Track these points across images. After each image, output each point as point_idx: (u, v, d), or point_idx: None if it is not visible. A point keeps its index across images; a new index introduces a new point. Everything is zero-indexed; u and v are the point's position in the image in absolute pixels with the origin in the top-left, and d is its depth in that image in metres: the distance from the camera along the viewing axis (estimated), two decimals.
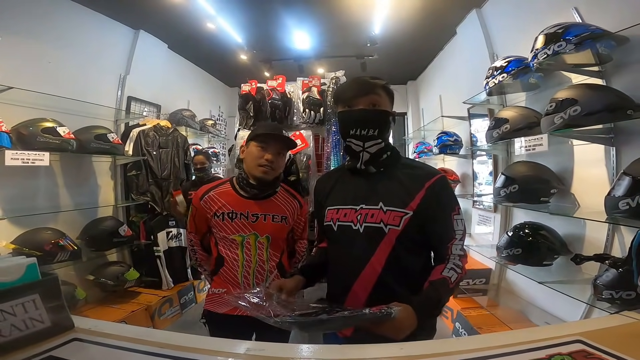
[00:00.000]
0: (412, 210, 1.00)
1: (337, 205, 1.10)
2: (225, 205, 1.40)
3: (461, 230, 1.04)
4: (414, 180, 1.04)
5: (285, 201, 1.48)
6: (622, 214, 1.38)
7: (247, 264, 1.39)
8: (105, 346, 0.67)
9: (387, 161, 1.08)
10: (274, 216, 1.41)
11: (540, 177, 2.04)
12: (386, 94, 1.07)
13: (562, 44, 1.71)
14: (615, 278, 1.42)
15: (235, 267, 1.39)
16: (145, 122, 3.40)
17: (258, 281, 1.38)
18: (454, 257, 1.02)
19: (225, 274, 1.41)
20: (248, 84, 2.19)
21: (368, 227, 1.02)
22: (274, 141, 1.37)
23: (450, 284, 0.98)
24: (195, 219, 1.48)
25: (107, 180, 3.14)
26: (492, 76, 2.33)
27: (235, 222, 1.38)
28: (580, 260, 1.65)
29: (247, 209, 1.39)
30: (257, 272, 1.40)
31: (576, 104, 1.62)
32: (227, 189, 1.45)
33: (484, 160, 3.25)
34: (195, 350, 0.67)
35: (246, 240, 1.39)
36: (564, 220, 2.01)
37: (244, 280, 1.39)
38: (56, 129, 2.37)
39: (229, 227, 1.38)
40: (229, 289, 1.37)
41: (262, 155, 1.35)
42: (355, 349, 0.77)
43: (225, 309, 1.38)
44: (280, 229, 1.43)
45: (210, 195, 1.43)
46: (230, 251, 1.40)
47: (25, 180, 2.42)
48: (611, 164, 1.75)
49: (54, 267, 2.29)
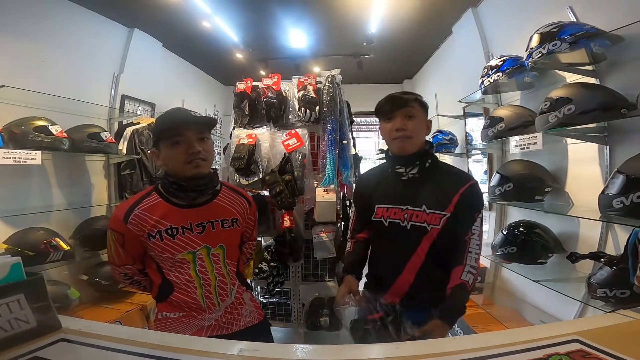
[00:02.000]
0: (450, 212, 1.20)
1: (386, 204, 1.28)
2: (160, 222, 1.13)
3: (478, 227, 1.23)
4: (451, 185, 1.23)
5: (232, 201, 1.27)
6: (615, 212, 1.39)
7: (206, 282, 1.17)
8: (93, 347, 0.66)
9: (429, 167, 1.25)
10: (223, 221, 1.21)
11: (534, 175, 2.05)
12: (420, 105, 1.24)
13: (557, 43, 1.71)
14: (610, 276, 1.43)
15: (192, 290, 1.16)
16: (139, 121, 3.37)
17: (222, 298, 1.20)
18: (470, 259, 1.20)
19: (179, 300, 1.17)
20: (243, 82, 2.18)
21: (414, 225, 1.22)
22: (188, 130, 1.12)
23: (469, 286, 1.17)
24: (125, 247, 1.16)
25: (101, 180, 3.11)
26: (487, 75, 2.34)
27: (178, 238, 1.13)
28: (575, 259, 1.66)
29: (188, 219, 1.15)
30: (219, 289, 1.20)
31: (570, 102, 1.63)
32: (155, 200, 1.16)
33: (478, 159, 3.26)
34: (188, 351, 0.66)
35: (198, 256, 1.16)
36: (558, 218, 2.02)
37: (207, 301, 1.18)
38: (48, 128, 2.34)
39: (172, 247, 1.13)
40: (189, 313, 1.17)
41: (184, 150, 1.11)
42: (351, 349, 0.77)
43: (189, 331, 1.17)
44: (233, 234, 1.24)
45: (136, 214, 1.13)
46: (180, 273, 1.16)
47: (17, 180, 2.39)
48: (605, 162, 1.76)
49: (47, 267, 2.26)
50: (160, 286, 1.19)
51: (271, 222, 2.26)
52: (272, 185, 1.99)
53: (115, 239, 1.16)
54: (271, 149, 2.12)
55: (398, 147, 1.23)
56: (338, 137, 2.05)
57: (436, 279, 1.22)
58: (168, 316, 1.18)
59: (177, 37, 3.89)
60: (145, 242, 1.14)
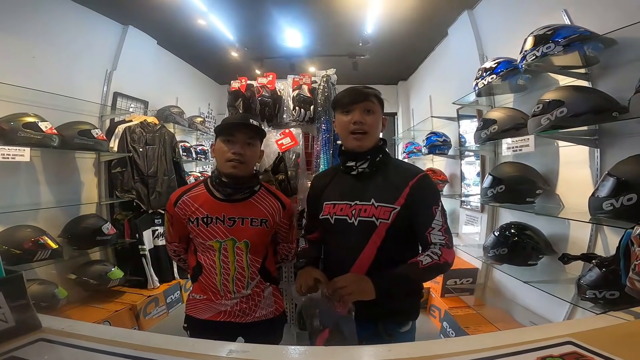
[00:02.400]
0: (400, 205, 1.13)
1: (333, 201, 1.23)
2: (199, 210, 1.30)
3: (440, 221, 1.14)
4: (401, 178, 1.17)
5: (266, 202, 1.37)
6: (605, 214, 1.41)
7: (225, 271, 1.30)
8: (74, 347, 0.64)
9: (380, 162, 1.21)
10: (252, 220, 1.31)
11: (526, 177, 2.06)
12: (378, 101, 1.21)
13: (551, 46, 1.73)
14: (599, 278, 1.44)
15: (213, 275, 1.31)
16: (131, 119, 3.33)
17: (238, 288, 1.31)
18: (434, 246, 1.12)
19: (204, 281, 1.33)
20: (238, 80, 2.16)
21: (362, 220, 1.15)
22: (239, 132, 1.27)
23: (421, 266, 1.08)
24: (173, 227, 1.38)
25: (91, 177, 3.06)
26: (481, 77, 2.35)
27: (211, 227, 1.28)
28: (567, 260, 1.67)
29: (223, 212, 1.29)
30: (236, 279, 1.31)
31: (563, 105, 1.65)
32: (201, 191, 1.34)
33: (471, 160, 3.28)
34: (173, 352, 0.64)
35: (223, 246, 1.29)
36: (548, 220, 2.04)
37: (224, 287, 1.31)
38: (38, 124, 2.30)
39: (205, 233, 1.29)
40: (209, 297, 1.32)
41: (229, 149, 1.25)
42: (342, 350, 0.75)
43: (208, 314, 1.32)
44: (260, 233, 1.33)
45: (184, 200, 1.32)
46: (208, 258, 1.31)
47: (4, 177, 2.35)
48: (595, 165, 1.78)
49: (34, 265, 2.23)
50: (194, 267, 1.36)
51: None
52: None
53: (167, 219, 1.40)
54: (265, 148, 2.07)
55: (354, 144, 1.19)
56: (332, 137, 2.04)
57: None
58: (195, 297, 1.35)
59: (172, 35, 3.87)
60: (187, 225, 1.32)
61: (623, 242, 1.03)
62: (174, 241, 1.43)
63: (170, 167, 3.39)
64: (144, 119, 3.35)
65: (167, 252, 3.39)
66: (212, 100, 5.62)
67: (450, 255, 1.14)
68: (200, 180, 1.41)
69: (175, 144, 3.53)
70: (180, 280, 3.42)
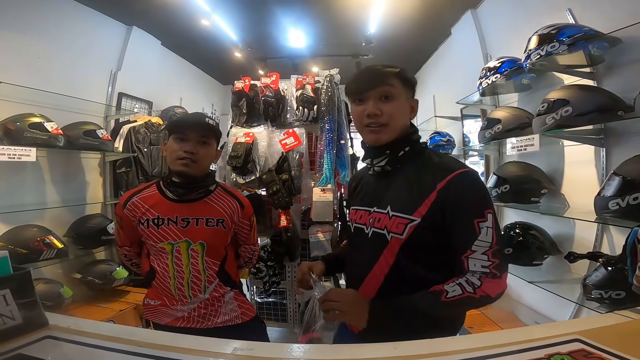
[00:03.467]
0: (421, 216, 0.86)
1: (356, 206, 1.05)
2: (150, 211, 1.24)
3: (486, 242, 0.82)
4: (428, 179, 0.88)
5: (223, 202, 1.31)
6: (611, 214, 1.40)
7: (179, 274, 1.24)
8: (81, 344, 0.64)
9: (404, 158, 0.94)
10: (208, 220, 1.26)
11: (531, 177, 2.05)
12: (401, 82, 0.93)
13: (555, 45, 1.72)
14: (605, 278, 1.43)
15: (167, 279, 1.25)
16: (136, 119, 3.35)
17: (195, 292, 1.26)
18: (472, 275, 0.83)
19: (158, 286, 1.27)
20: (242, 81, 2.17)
21: (375, 232, 0.93)
22: (192, 130, 1.22)
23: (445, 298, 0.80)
24: (123, 230, 1.32)
25: (96, 177, 3.08)
26: (485, 76, 2.34)
27: (162, 228, 1.23)
28: (574, 258, 1.65)
29: (175, 213, 1.24)
30: (192, 283, 1.25)
31: (568, 104, 1.64)
32: (152, 192, 1.29)
33: (475, 160, 3.27)
34: (179, 349, 0.64)
35: (176, 248, 1.23)
36: (553, 220, 2.02)
37: (178, 292, 1.25)
38: (44, 125, 2.32)
39: (156, 235, 1.23)
40: (164, 302, 1.27)
41: (180, 147, 1.20)
42: (347, 348, 0.75)
43: (166, 319, 1.27)
44: (217, 233, 1.27)
45: (133, 201, 1.27)
46: (160, 261, 1.25)
47: (11, 176, 2.37)
48: (601, 164, 1.76)
49: (40, 265, 2.25)
50: (148, 272, 1.30)
51: (268, 221, 2.25)
52: (269, 184, 1.97)
53: (116, 221, 1.34)
54: (268, 147, 2.11)
55: (370, 138, 0.94)
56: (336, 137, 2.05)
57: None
58: (150, 303, 1.30)
59: (176, 36, 3.88)
60: (137, 228, 1.26)
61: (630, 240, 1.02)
62: (124, 245, 1.37)
63: None
64: (148, 119, 3.36)
65: None
66: (216, 100, 5.63)
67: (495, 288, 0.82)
68: (152, 181, 1.36)
69: None
70: None
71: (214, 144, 1.30)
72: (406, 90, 0.94)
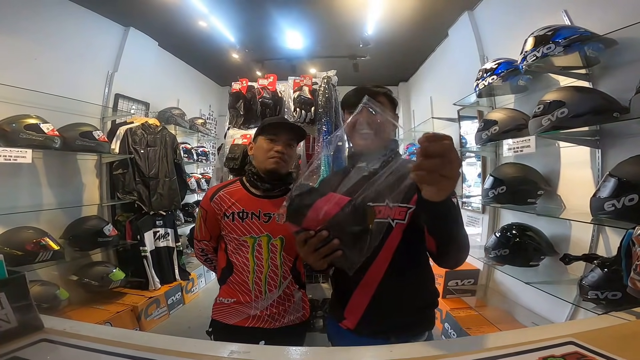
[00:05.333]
0: (414, 204, 1.04)
1: None
2: (236, 204, 1.31)
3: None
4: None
5: None
6: (607, 215, 1.40)
7: (259, 269, 1.29)
8: (76, 348, 0.64)
9: (391, 161, 1.08)
10: None
11: (527, 178, 2.06)
12: (388, 101, 1.15)
13: (551, 46, 1.74)
14: (601, 278, 1.44)
15: (246, 273, 1.29)
16: (132, 120, 3.34)
17: (270, 288, 1.30)
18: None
19: (235, 282, 1.31)
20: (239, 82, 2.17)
21: (376, 222, 1.01)
22: (283, 132, 1.31)
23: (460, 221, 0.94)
24: (207, 223, 1.37)
25: (92, 179, 3.07)
26: (482, 78, 2.35)
27: (246, 222, 1.29)
28: (569, 260, 1.66)
29: (259, 207, 1.31)
30: (269, 278, 1.30)
31: (563, 106, 1.65)
32: (237, 187, 1.37)
33: (472, 162, 3.28)
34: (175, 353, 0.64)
35: (257, 242, 1.29)
36: (550, 221, 2.03)
37: (256, 287, 1.29)
38: (40, 126, 2.31)
39: (240, 228, 1.29)
40: (239, 299, 1.30)
41: (272, 147, 1.29)
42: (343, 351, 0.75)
43: (235, 319, 1.30)
44: None
45: (220, 195, 1.34)
46: (240, 255, 1.31)
47: (6, 178, 2.36)
48: (597, 166, 1.77)
49: (36, 267, 2.23)
50: (224, 268, 1.35)
51: None
52: None
53: (201, 215, 1.38)
54: None
55: (360, 145, 1.12)
56: None
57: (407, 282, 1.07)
58: (223, 302, 1.33)
59: (173, 37, 3.87)
60: (220, 221, 1.33)
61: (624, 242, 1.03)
62: (204, 239, 1.42)
63: (172, 169, 3.40)
64: (145, 120, 3.36)
65: (168, 254, 3.42)
66: (213, 102, 5.63)
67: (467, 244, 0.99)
68: (235, 178, 1.44)
69: (176, 145, 3.53)
70: (182, 281, 3.42)
71: (296, 147, 1.39)
72: (391, 107, 1.17)
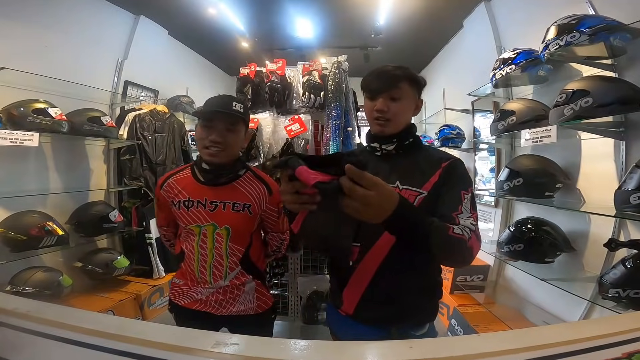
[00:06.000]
0: (427, 190, 1.02)
1: None
2: (182, 192, 1.27)
3: (468, 210, 0.97)
4: (430, 163, 1.06)
5: (250, 186, 1.29)
6: (633, 208, 1.34)
7: (203, 258, 1.26)
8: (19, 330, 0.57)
9: (408, 146, 1.12)
10: (234, 204, 1.25)
11: (546, 170, 1.97)
12: (409, 83, 1.08)
13: (576, 35, 1.65)
14: (624, 276, 1.37)
15: (192, 261, 1.27)
16: (141, 107, 3.32)
17: (215, 278, 1.26)
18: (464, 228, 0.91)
19: (185, 268, 1.31)
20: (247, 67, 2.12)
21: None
22: (218, 118, 1.20)
23: (451, 232, 0.86)
24: (161, 210, 1.37)
25: (100, 164, 3.06)
26: (499, 68, 2.26)
27: (191, 210, 1.25)
28: (615, 246, 1.54)
29: (204, 195, 1.25)
30: (214, 268, 1.26)
31: (588, 95, 1.57)
32: (186, 174, 1.31)
33: (484, 156, 3.20)
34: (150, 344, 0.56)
35: (203, 231, 1.25)
36: (567, 216, 1.96)
37: (201, 275, 1.27)
38: (47, 110, 2.30)
39: (186, 217, 1.25)
40: (186, 282, 1.30)
41: (207, 136, 1.19)
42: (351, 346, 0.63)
43: (184, 300, 1.30)
44: (242, 219, 1.26)
45: (169, 183, 1.30)
46: (189, 243, 1.28)
47: (14, 161, 2.35)
48: (621, 158, 1.69)
49: (40, 252, 2.23)
50: (179, 254, 1.34)
51: None
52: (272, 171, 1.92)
53: (155, 201, 1.39)
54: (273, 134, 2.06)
55: (377, 129, 1.10)
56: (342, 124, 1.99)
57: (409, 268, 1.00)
58: (175, 282, 1.35)
59: (183, 26, 3.84)
60: (171, 209, 1.29)
61: None
62: (162, 225, 1.42)
63: (179, 156, 3.37)
64: (153, 107, 3.33)
65: None
66: (222, 90, 5.55)
67: (477, 246, 0.93)
68: (189, 163, 1.38)
69: (184, 132, 3.50)
70: None
71: (242, 130, 1.27)
72: (413, 90, 1.11)
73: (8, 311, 0.65)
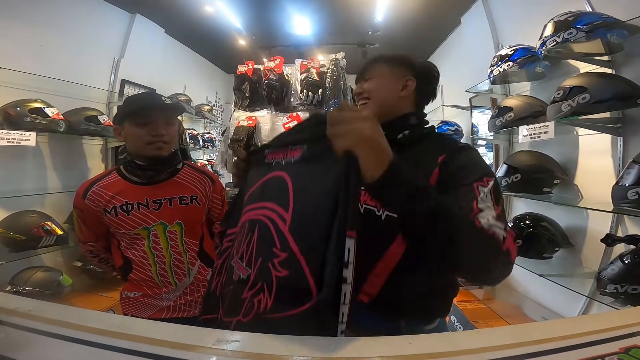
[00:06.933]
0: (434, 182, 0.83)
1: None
2: (116, 197, 1.16)
3: (488, 202, 0.73)
4: (430, 158, 0.86)
5: (193, 179, 1.28)
6: (630, 204, 1.35)
7: (160, 260, 1.19)
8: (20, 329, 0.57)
9: (405, 140, 0.93)
10: (181, 198, 1.21)
11: (543, 166, 1.98)
12: (384, 63, 1.00)
13: (573, 32, 1.66)
14: (622, 271, 1.38)
15: (147, 267, 1.18)
16: None
17: (179, 277, 1.21)
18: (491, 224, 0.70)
19: (137, 279, 1.20)
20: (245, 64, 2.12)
21: (389, 215, 0.85)
22: (157, 114, 1.17)
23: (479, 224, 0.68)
24: (86, 223, 1.22)
25: (98, 163, 3.05)
26: (497, 64, 2.27)
27: (132, 214, 1.16)
28: (612, 242, 1.54)
29: (144, 196, 1.18)
30: (175, 267, 1.20)
31: (585, 91, 1.58)
32: (114, 178, 1.21)
33: (482, 152, 3.20)
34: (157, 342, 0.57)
35: (152, 232, 1.17)
36: (565, 212, 1.97)
37: (162, 279, 1.19)
38: (44, 110, 2.29)
39: (127, 222, 1.16)
40: (145, 292, 1.20)
41: (147, 132, 1.15)
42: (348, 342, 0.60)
43: (148, 312, 1.20)
44: (192, 211, 1.23)
45: (94, 190, 1.17)
46: (137, 250, 1.18)
47: (11, 161, 2.34)
48: (618, 154, 1.70)
49: (40, 252, 2.22)
50: (122, 266, 1.22)
51: None
52: None
53: (77, 215, 1.23)
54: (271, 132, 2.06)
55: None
56: None
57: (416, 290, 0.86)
58: (129, 295, 1.21)
59: (180, 24, 3.81)
60: (102, 218, 1.17)
61: None
62: (88, 240, 1.27)
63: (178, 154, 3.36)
64: None
65: None
66: (220, 89, 5.59)
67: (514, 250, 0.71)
68: (111, 169, 1.29)
69: (182, 131, 3.49)
70: None
71: (176, 123, 1.28)
72: (391, 68, 0.99)
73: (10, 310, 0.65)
